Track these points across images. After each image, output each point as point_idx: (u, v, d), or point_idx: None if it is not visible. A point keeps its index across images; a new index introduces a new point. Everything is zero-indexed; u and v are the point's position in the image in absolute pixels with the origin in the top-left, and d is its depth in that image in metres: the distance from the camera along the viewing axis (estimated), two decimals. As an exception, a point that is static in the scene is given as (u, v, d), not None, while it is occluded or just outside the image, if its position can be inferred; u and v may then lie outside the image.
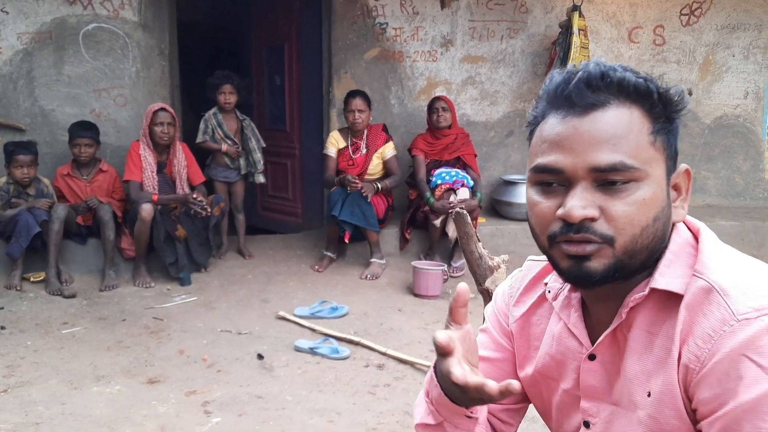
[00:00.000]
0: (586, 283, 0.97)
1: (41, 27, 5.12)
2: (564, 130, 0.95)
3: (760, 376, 0.83)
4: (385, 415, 3.05)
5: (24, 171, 4.73)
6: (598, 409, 1.04)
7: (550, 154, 0.96)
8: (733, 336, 0.86)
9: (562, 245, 0.96)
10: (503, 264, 2.22)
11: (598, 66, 0.96)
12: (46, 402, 3.12)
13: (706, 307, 0.90)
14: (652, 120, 0.95)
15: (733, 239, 5.70)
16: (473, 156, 5.43)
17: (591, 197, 0.93)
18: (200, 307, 4.44)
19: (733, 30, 6.25)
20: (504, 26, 5.87)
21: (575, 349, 1.08)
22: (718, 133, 6.42)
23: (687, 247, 0.99)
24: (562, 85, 0.97)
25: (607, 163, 0.92)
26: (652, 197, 0.93)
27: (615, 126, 0.93)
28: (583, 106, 0.94)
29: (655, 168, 0.94)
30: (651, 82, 0.96)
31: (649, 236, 0.94)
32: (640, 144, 0.93)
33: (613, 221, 0.92)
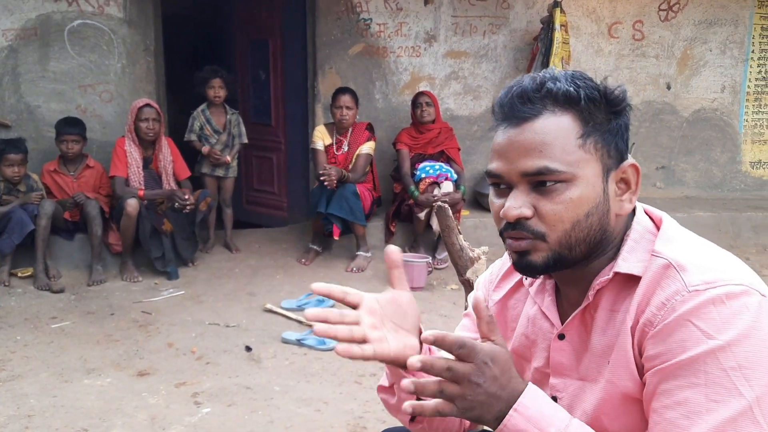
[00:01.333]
0: (530, 272, 1.09)
1: (26, 23, 5.13)
2: (502, 140, 1.07)
3: (700, 339, 0.93)
4: (370, 404, 3.13)
5: (15, 169, 4.75)
6: (565, 385, 1.14)
7: (494, 161, 1.09)
8: (684, 304, 0.96)
9: (508, 241, 1.08)
10: (483, 255, 2.30)
11: (534, 79, 1.07)
12: (37, 395, 3.17)
13: (664, 281, 1.01)
14: (583, 123, 1.05)
15: (710, 230, 5.83)
16: (457, 150, 5.51)
17: (526, 198, 1.04)
18: (188, 300, 4.50)
19: (710, 25, 6.37)
20: (486, 22, 5.95)
21: (547, 329, 1.18)
22: (696, 126, 6.55)
23: (647, 235, 1.09)
24: (503, 99, 1.09)
25: (534, 168, 1.03)
26: (580, 196, 1.03)
27: (542, 134, 1.03)
28: (516, 118, 1.06)
29: (584, 169, 1.04)
30: (583, 89, 1.05)
31: (583, 230, 1.04)
32: (567, 148, 1.03)
33: (543, 219, 1.04)
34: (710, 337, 0.93)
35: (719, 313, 0.94)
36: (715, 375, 0.92)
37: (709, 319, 0.94)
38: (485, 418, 0.97)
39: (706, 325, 0.94)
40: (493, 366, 0.96)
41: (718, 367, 0.92)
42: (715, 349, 0.92)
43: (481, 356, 0.95)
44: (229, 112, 5.48)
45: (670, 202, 6.30)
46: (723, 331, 0.93)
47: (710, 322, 0.94)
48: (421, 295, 4.64)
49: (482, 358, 0.95)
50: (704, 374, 0.92)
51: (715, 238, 5.89)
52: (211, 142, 5.40)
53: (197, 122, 5.39)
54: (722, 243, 5.69)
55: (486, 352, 0.96)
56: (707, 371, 0.92)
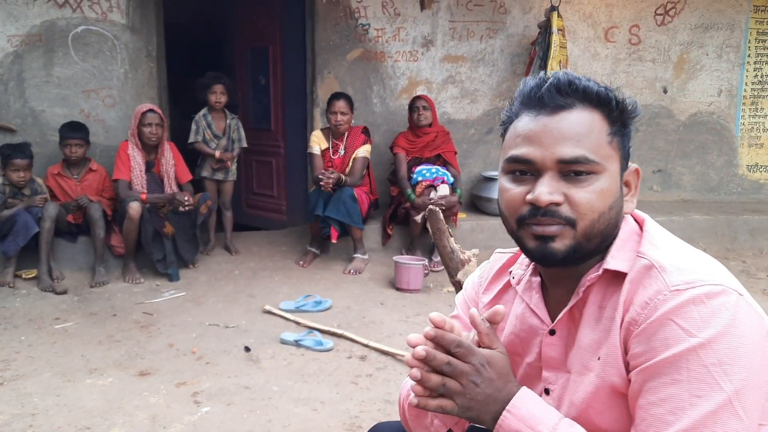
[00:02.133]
0: (549, 261, 1.12)
1: (31, 30, 5.21)
2: (535, 127, 1.11)
3: (681, 337, 0.99)
4: (366, 404, 3.17)
5: (21, 174, 4.82)
6: (556, 377, 1.19)
7: (522, 146, 1.12)
8: (665, 303, 1.02)
9: (531, 227, 1.11)
10: (474, 257, 2.36)
11: (567, 75, 1.13)
12: (41, 394, 3.23)
13: (646, 281, 1.06)
14: (610, 123, 1.12)
15: (707, 233, 5.87)
16: (453, 153, 5.57)
17: (557, 185, 1.09)
18: (189, 302, 4.57)
19: (707, 29, 6.43)
20: (483, 26, 6.02)
21: (537, 326, 1.23)
22: (693, 130, 6.60)
23: (633, 235, 1.16)
24: (535, 88, 1.14)
25: (572, 156, 1.08)
26: (608, 188, 1.10)
27: (579, 125, 1.09)
28: (552, 106, 1.11)
29: (611, 164, 1.11)
30: (610, 92, 1.13)
31: (605, 222, 1.10)
32: (600, 142, 1.10)
33: (576, 206, 1.08)
34: (691, 335, 0.98)
35: (699, 312, 0.99)
36: (696, 371, 0.96)
37: (690, 318, 0.99)
38: (483, 419, 1.05)
39: (688, 324, 0.98)
40: (489, 369, 1.03)
41: (700, 364, 0.96)
42: (696, 346, 0.97)
43: (477, 358, 1.03)
44: (229, 116, 5.56)
45: (666, 205, 6.34)
46: (703, 329, 0.97)
47: (691, 321, 0.98)
48: (417, 297, 4.71)
49: (479, 360, 1.03)
50: (686, 371, 0.97)
51: (712, 242, 5.95)
52: (211, 146, 5.48)
53: (199, 127, 5.47)
54: (719, 246, 5.75)
55: (483, 355, 1.04)
56: (689, 368, 0.97)
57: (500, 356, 1.06)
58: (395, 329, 4.11)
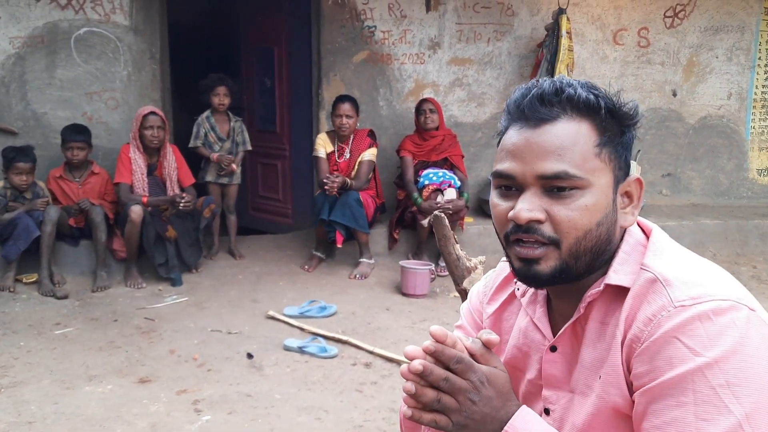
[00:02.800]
0: (534, 283, 1.07)
1: (33, 31, 5.16)
2: (518, 141, 1.04)
3: (687, 356, 0.92)
4: (371, 413, 3.12)
5: (23, 178, 4.78)
6: (557, 397, 1.13)
7: (506, 161, 1.06)
8: (670, 320, 0.95)
9: (515, 247, 1.05)
10: (480, 265, 2.29)
11: (553, 83, 1.05)
12: (38, 402, 3.18)
13: (650, 296, 0.99)
14: (600, 133, 1.04)
15: (716, 238, 5.80)
16: (460, 157, 5.51)
17: (538, 201, 1.02)
18: (191, 307, 4.51)
19: (717, 32, 6.35)
20: (490, 29, 5.95)
21: (539, 341, 1.17)
22: (703, 134, 6.52)
23: (638, 247, 1.08)
24: (519, 100, 1.07)
25: (552, 171, 1.01)
26: (594, 204, 1.02)
27: (561, 138, 1.02)
28: (535, 119, 1.04)
29: (599, 177, 1.03)
30: (602, 98, 1.05)
31: (593, 239, 1.03)
32: (585, 155, 1.02)
33: (558, 225, 1.01)
34: (697, 354, 0.91)
35: (706, 329, 0.92)
36: (703, 393, 0.90)
37: (695, 336, 0.92)
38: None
39: (693, 342, 0.92)
40: (488, 387, 0.96)
41: (707, 385, 0.90)
42: (703, 366, 0.91)
43: (477, 375, 0.96)
44: (233, 119, 5.50)
45: (676, 209, 6.27)
46: (710, 348, 0.91)
47: (697, 339, 0.92)
48: (424, 302, 4.64)
49: (478, 377, 0.96)
50: (692, 392, 0.91)
51: (722, 247, 5.87)
52: (215, 149, 5.42)
53: (202, 129, 5.42)
54: (729, 251, 5.67)
55: (482, 372, 0.97)
56: (695, 389, 0.91)
57: (501, 374, 0.99)
58: (401, 335, 4.04)
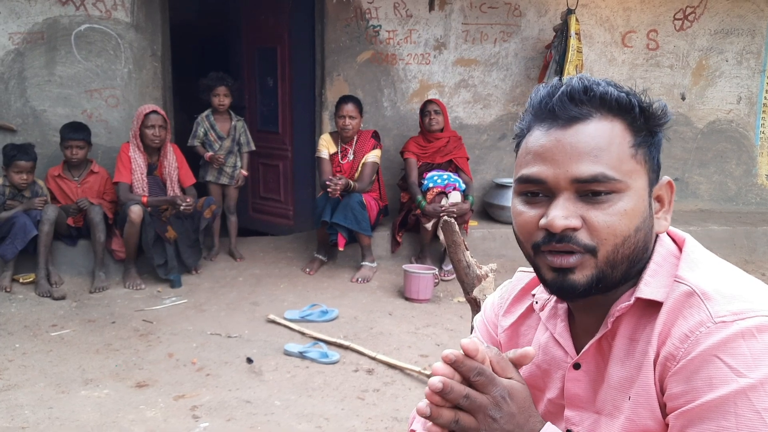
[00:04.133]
0: (569, 294, 0.98)
1: (33, 27, 5.09)
2: (547, 142, 0.97)
3: (729, 377, 0.85)
4: (373, 421, 3.05)
5: (23, 176, 4.70)
6: (581, 418, 1.05)
7: (534, 165, 0.98)
8: (709, 337, 0.87)
9: (546, 256, 0.97)
10: (491, 273, 2.21)
11: (581, 80, 0.98)
12: (32, 406, 3.11)
13: (687, 310, 0.92)
14: (634, 133, 0.97)
15: (724, 244, 5.72)
16: (465, 159, 5.43)
17: (573, 207, 0.94)
18: (190, 309, 4.43)
19: (727, 35, 6.27)
20: (497, 29, 5.87)
21: (561, 358, 1.09)
22: (711, 138, 6.44)
23: (670, 258, 1.00)
24: (546, 98, 0.99)
25: (589, 174, 0.93)
26: (633, 208, 0.94)
27: (596, 138, 0.94)
28: (565, 118, 0.96)
29: (636, 180, 0.95)
30: (633, 97, 0.97)
31: (631, 246, 0.95)
32: (621, 156, 0.95)
33: (595, 231, 0.94)
34: (740, 375, 0.84)
35: (750, 347, 0.85)
36: (746, 417, 0.83)
37: (738, 355, 0.85)
38: None
39: (736, 362, 0.85)
40: (510, 402, 0.89)
41: (751, 409, 0.83)
42: (746, 388, 0.83)
43: (498, 390, 0.89)
44: (234, 118, 5.43)
45: (683, 215, 6.18)
46: (754, 368, 0.84)
47: (740, 358, 0.85)
48: (427, 307, 4.55)
49: (500, 392, 0.89)
50: (734, 416, 0.84)
51: (730, 253, 5.80)
52: (214, 148, 5.35)
53: (201, 128, 5.35)
54: (737, 258, 5.59)
55: (504, 386, 0.89)
56: (738, 413, 0.83)
57: (522, 387, 0.92)
58: (404, 341, 3.96)
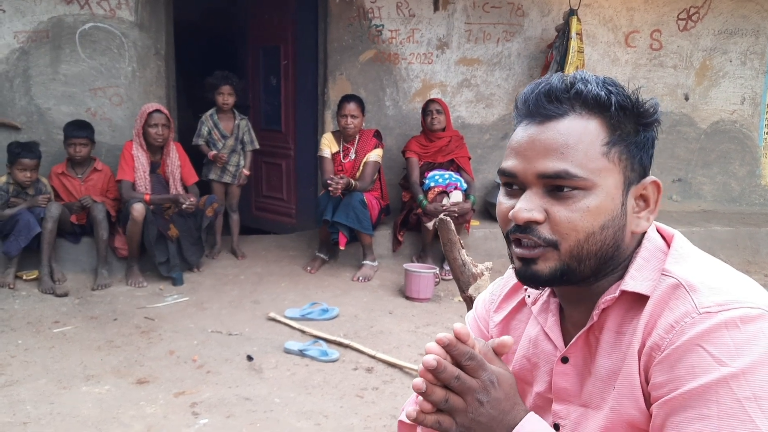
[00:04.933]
0: (534, 283, 1.02)
1: (38, 26, 5.12)
2: (523, 138, 1.01)
3: (711, 366, 0.86)
4: (372, 419, 3.06)
5: (27, 174, 4.72)
6: (568, 412, 1.06)
7: (509, 159, 1.02)
8: (693, 327, 0.89)
9: (514, 247, 1.01)
10: (486, 271, 2.22)
11: (564, 78, 1.00)
12: (34, 401, 3.13)
13: (673, 302, 0.94)
14: (610, 131, 0.98)
15: (728, 245, 5.71)
16: (467, 158, 5.43)
17: (539, 201, 0.97)
18: (192, 307, 4.45)
19: (731, 35, 6.25)
20: (500, 29, 5.87)
21: (550, 352, 1.11)
22: (715, 139, 6.43)
23: (658, 253, 1.02)
24: (527, 95, 1.02)
25: (552, 170, 0.96)
26: (598, 206, 0.96)
27: (566, 136, 0.97)
28: (541, 116, 0.99)
29: (606, 178, 0.97)
30: (615, 95, 0.98)
31: (596, 243, 0.97)
32: (590, 154, 0.96)
33: (557, 226, 0.97)
34: (723, 364, 0.86)
35: (732, 337, 0.87)
36: (728, 406, 0.84)
37: (721, 344, 0.87)
38: None
39: (718, 351, 0.87)
40: (498, 388, 0.93)
41: (732, 397, 0.84)
42: (728, 377, 0.85)
43: (487, 375, 0.92)
44: (238, 117, 5.45)
45: (686, 215, 6.17)
46: (737, 358, 0.86)
47: (723, 348, 0.87)
48: (427, 306, 4.57)
49: (489, 376, 0.92)
50: (716, 405, 0.85)
51: (733, 254, 5.78)
52: (218, 147, 5.37)
53: (205, 127, 5.37)
54: (740, 258, 5.58)
55: (493, 371, 0.93)
56: (719, 401, 0.85)
57: (509, 375, 0.97)
58: (404, 340, 3.97)
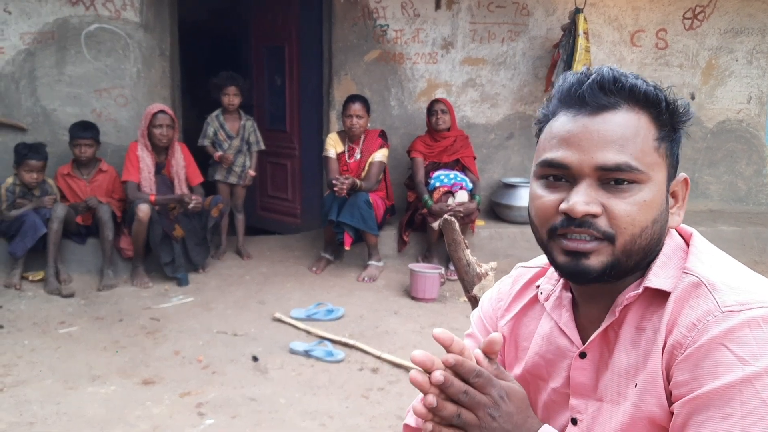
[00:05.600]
0: (581, 279, 1.00)
1: (44, 27, 5.13)
2: (574, 128, 0.98)
3: (735, 365, 0.86)
4: (377, 419, 3.06)
5: (34, 176, 4.73)
6: (585, 406, 1.06)
7: (558, 149, 0.99)
8: (716, 325, 0.89)
9: (562, 240, 0.98)
10: (491, 271, 2.22)
11: (611, 71, 1.00)
12: (41, 402, 3.14)
13: (694, 300, 0.93)
14: (659, 127, 0.99)
15: (734, 245, 5.68)
16: (472, 158, 5.42)
17: (595, 194, 0.96)
18: (197, 307, 4.45)
19: (737, 34, 6.23)
20: (505, 29, 5.86)
21: (566, 347, 1.10)
22: (721, 138, 6.40)
23: (678, 251, 1.02)
24: (576, 85, 1.00)
25: (614, 162, 0.95)
26: (652, 200, 0.96)
27: (623, 128, 0.96)
28: (594, 106, 0.98)
29: (657, 173, 0.97)
30: (660, 91, 0.99)
31: (647, 237, 0.97)
32: (646, 148, 0.97)
33: (615, 219, 0.96)
34: (746, 363, 0.86)
35: (755, 336, 0.87)
36: (751, 405, 0.84)
37: (744, 344, 0.87)
38: None
39: (741, 350, 0.86)
40: (509, 402, 0.93)
41: (756, 397, 0.84)
42: (752, 376, 0.85)
43: (497, 390, 0.92)
44: (244, 117, 5.45)
45: (693, 215, 6.14)
46: (760, 357, 0.86)
47: (746, 347, 0.86)
48: (433, 307, 4.56)
49: (498, 392, 0.92)
50: (740, 404, 0.85)
51: (740, 253, 5.75)
52: (224, 147, 5.37)
53: (211, 128, 5.38)
54: (747, 258, 5.55)
55: (502, 387, 0.93)
56: (743, 401, 0.85)
57: (519, 389, 0.96)
58: (409, 340, 3.97)
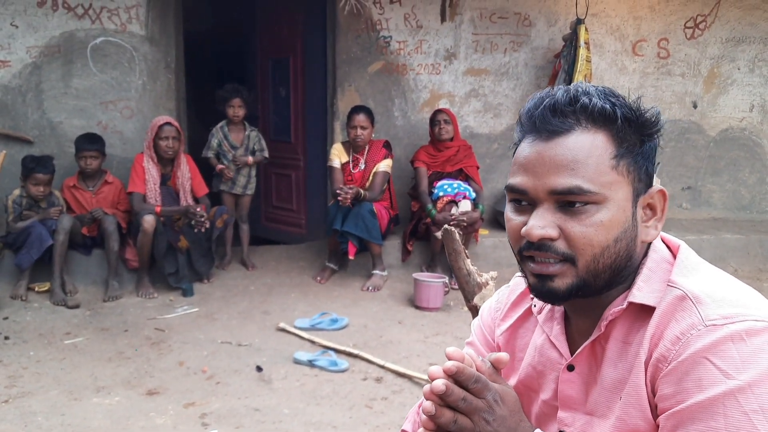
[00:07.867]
0: (551, 299, 1.03)
1: (50, 41, 5.19)
2: (529, 154, 1.00)
3: (718, 379, 0.87)
4: (381, 429, 3.06)
5: (41, 189, 4.75)
6: (573, 419, 1.07)
7: (517, 175, 1.01)
8: (700, 339, 0.90)
9: (529, 263, 1.01)
10: (491, 281, 2.23)
11: (568, 91, 1.00)
12: (45, 413, 3.15)
13: (679, 313, 0.94)
14: (617, 144, 0.98)
15: (738, 253, 5.68)
16: (475, 168, 5.44)
17: (551, 217, 0.97)
18: (202, 318, 4.47)
19: (738, 43, 6.24)
20: (507, 39, 5.89)
21: (555, 360, 1.11)
22: (724, 146, 6.41)
23: (664, 264, 1.03)
24: (532, 110, 1.02)
25: (564, 186, 0.96)
26: (611, 219, 0.97)
27: (575, 151, 0.97)
28: (547, 131, 0.99)
29: (616, 191, 0.97)
30: (619, 107, 0.99)
31: (611, 256, 0.98)
32: (600, 168, 0.97)
33: (572, 241, 0.97)
34: (729, 377, 0.87)
35: (738, 350, 0.88)
36: (735, 418, 0.85)
37: (727, 357, 0.88)
38: None
39: (725, 364, 0.87)
40: (502, 405, 0.95)
41: (739, 410, 0.85)
42: (735, 390, 0.86)
43: (491, 394, 0.94)
44: (248, 128, 5.49)
45: (696, 223, 6.14)
46: (743, 371, 0.86)
47: (729, 360, 0.87)
48: (437, 316, 4.57)
49: (492, 395, 0.94)
50: (723, 417, 0.86)
51: (744, 262, 5.73)
52: (228, 157, 5.41)
53: (215, 139, 5.42)
54: (751, 267, 5.52)
55: (496, 390, 0.95)
56: (726, 414, 0.86)
57: (511, 393, 0.99)
58: (413, 350, 3.97)
